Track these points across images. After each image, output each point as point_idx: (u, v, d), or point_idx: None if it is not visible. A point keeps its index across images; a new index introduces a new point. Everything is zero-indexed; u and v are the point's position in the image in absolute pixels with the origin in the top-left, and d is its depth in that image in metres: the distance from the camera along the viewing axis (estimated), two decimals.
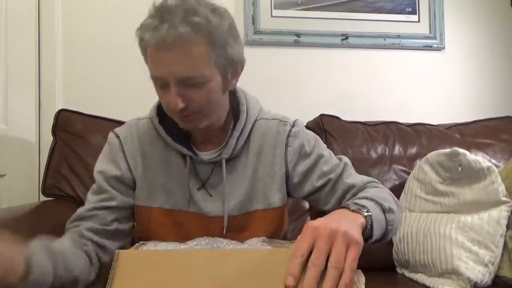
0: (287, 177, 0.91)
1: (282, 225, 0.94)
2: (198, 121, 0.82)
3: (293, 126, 0.93)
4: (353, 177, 0.91)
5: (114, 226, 0.86)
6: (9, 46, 1.48)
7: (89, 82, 1.69)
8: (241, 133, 0.88)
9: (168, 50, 0.74)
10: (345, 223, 0.57)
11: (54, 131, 1.44)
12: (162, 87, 0.79)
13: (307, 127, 1.61)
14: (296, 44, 1.80)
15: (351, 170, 0.93)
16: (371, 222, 0.67)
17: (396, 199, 0.86)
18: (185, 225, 0.88)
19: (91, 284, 0.80)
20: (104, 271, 0.81)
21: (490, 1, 1.97)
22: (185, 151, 0.87)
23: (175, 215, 0.88)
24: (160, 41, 0.73)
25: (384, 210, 0.74)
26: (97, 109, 1.51)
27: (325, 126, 1.58)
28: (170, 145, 0.88)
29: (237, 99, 0.92)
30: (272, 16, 1.79)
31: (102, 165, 0.90)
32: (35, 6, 1.62)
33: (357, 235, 0.56)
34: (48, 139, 1.50)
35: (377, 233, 0.70)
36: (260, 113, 0.94)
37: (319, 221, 0.57)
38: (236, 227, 0.87)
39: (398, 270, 1.38)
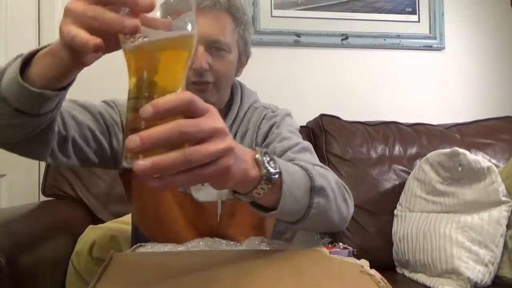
0: None
1: None
2: (211, 93, 0.84)
3: (273, 112, 0.94)
4: (308, 159, 0.80)
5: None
6: (9, 46, 1.48)
7: (89, 82, 1.69)
8: (233, 122, 0.90)
9: (204, 13, 0.80)
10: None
11: None
12: None
13: (306, 127, 1.63)
14: (296, 44, 1.80)
15: (303, 150, 0.83)
16: (276, 180, 0.54)
17: (347, 192, 0.71)
18: (184, 208, 0.86)
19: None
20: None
21: (490, 1, 1.96)
22: None
23: (179, 196, 0.87)
24: (196, 3, 0.77)
25: (313, 188, 0.61)
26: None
27: (325, 126, 1.58)
28: None
29: (233, 91, 0.95)
30: (272, 16, 1.79)
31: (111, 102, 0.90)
32: (35, 6, 1.62)
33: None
34: None
35: (286, 204, 0.56)
36: (253, 104, 0.96)
37: None
38: (227, 214, 0.87)
39: (398, 270, 1.38)
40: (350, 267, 0.57)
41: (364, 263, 0.58)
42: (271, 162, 0.54)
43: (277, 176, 0.54)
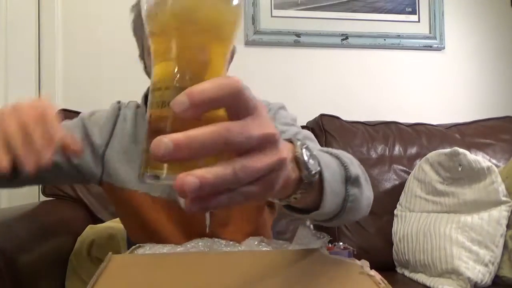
0: None
1: (263, 212, 0.91)
2: None
3: (268, 104, 0.93)
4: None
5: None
6: (9, 46, 1.48)
7: (89, 82, 1.69)
8: None
9: None
10: None
11: None
12: None
13: (307, 127, 1.63)
14: (296, 44, 1.80)
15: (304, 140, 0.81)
16: (319, 179, 0.47)
17: (366, 175, 0.65)
18: (172, 215, 0.85)
19: None
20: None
21: (490, 1, 1.96)
22: None
23: (163, 203, 0.85)
24: None
25: (348, 178, 0.55)
26: (97, 109, 1.51)
27: (325, 126, 1.58)
28: None
29: None
30: (272, 16, 1.79)
31: (92, 120, 0.91)
32: (35, 6, 1.62)
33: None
34: None
35: (327, 202, 0.49)
36: None
37: None
38: (218, 223, 0.85)
39: (398, 270, 1.38)
40: (350, 268, 0.57)
41: (364, 263, 0.57)
42: (311, 159, 0.44)
43: (317, 175, 0.46)
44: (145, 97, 0.93)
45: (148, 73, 0.89)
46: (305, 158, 0.44)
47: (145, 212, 0.86)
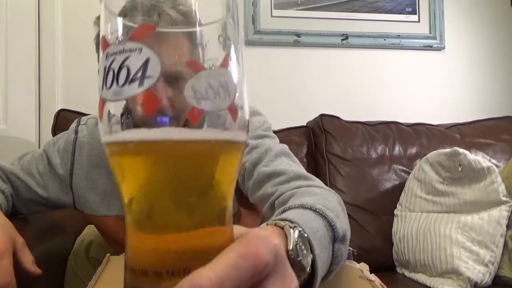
0: None
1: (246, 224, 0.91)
2: None
3: None
4: (284, 166, 0.70)
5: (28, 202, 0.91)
6: (9, 46, 1.48)
7: (89, 82, 1.69)
8: None
9: (159, 37, 0.68)
10: None
11: (54, 131, 1.44)
12: None
13: (306, 127, 1.63)
14: (296, 44, 1.80)
15: (276, 157, 0.73)
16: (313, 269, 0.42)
17: (341, 207, 0.62)
18: None
19: None
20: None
21: (490, 1, 1.96)
22: None
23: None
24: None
25: (336, 239, 0.51)
26: (97, 109, 1.50)
27: (325, 126, 1.58)
28: None
29: None
30: (272, 16, 1.79)
31: (55, 149, 0.91)
32: (35, 6, 1.62)
33: None
34: (48, 139, 1.49)
35: (318, 279, 0.44)
36: None
37: None
38: None
39: (398, 270, 1.38)
40: (350, 272, 0.56)
41: (364, 267, 0.57)
42: (304, 250, 0.41)
43: (310, 263, 0.41)
44: None
45: None
46: (299, 254, 0.39)
47: (120, 233, 0.88)
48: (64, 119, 1.44)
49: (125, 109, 0.27)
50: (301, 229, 0.43)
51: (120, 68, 0.26)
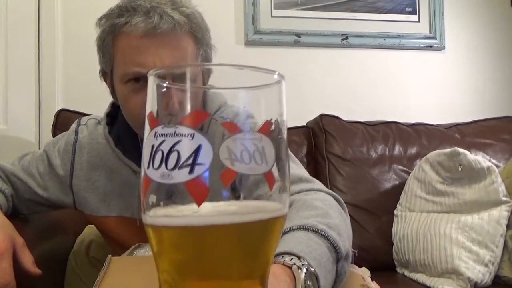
0: None
1: None
2: None
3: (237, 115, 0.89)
4: None
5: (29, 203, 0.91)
6: (9, 46, 1.48)
7: (89, 82, 1.69)
8: None
9: (162, 40, 0.69)
10: None
11: (54, 131, 1.44)
12: (135, 88, 0.71)
13: (306, 127, 1.63)
14: (296, 44, 1.80)
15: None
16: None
17: (344, 210, 0.66)
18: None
19: None
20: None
21: (490, 1, 1.96)
22: (136, 168, 0.84)
23: (135, 222, 0.86)
24: (151, 27, 0.67)
25: (339, 259, 0.54)
26: (97, 109, 1.50)
27: (325, 126, 1.58)
28: (120, 159, 0.85)
29: None
30: (272, 16, 1.79)
31: (55, 150, 0.91)
32: (35, 6, 1.62)
33: None
34: (48, 139, 1.49)
35: None
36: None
37: None
38: None
39: (398, 270, 1.38)
40: (351, 280, 0.56)
41: (365, 273, 0.57)
42: (311, 286, 0.45)
43: None
44: (108, 116, 0.89)
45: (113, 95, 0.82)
46: None
47: (120, 233, 0.88)
48: (64, 119, 1.44)
49: (171, 192, 0.27)
50: (307, 264, 0.46)
51: (170, 151, 0.26)
